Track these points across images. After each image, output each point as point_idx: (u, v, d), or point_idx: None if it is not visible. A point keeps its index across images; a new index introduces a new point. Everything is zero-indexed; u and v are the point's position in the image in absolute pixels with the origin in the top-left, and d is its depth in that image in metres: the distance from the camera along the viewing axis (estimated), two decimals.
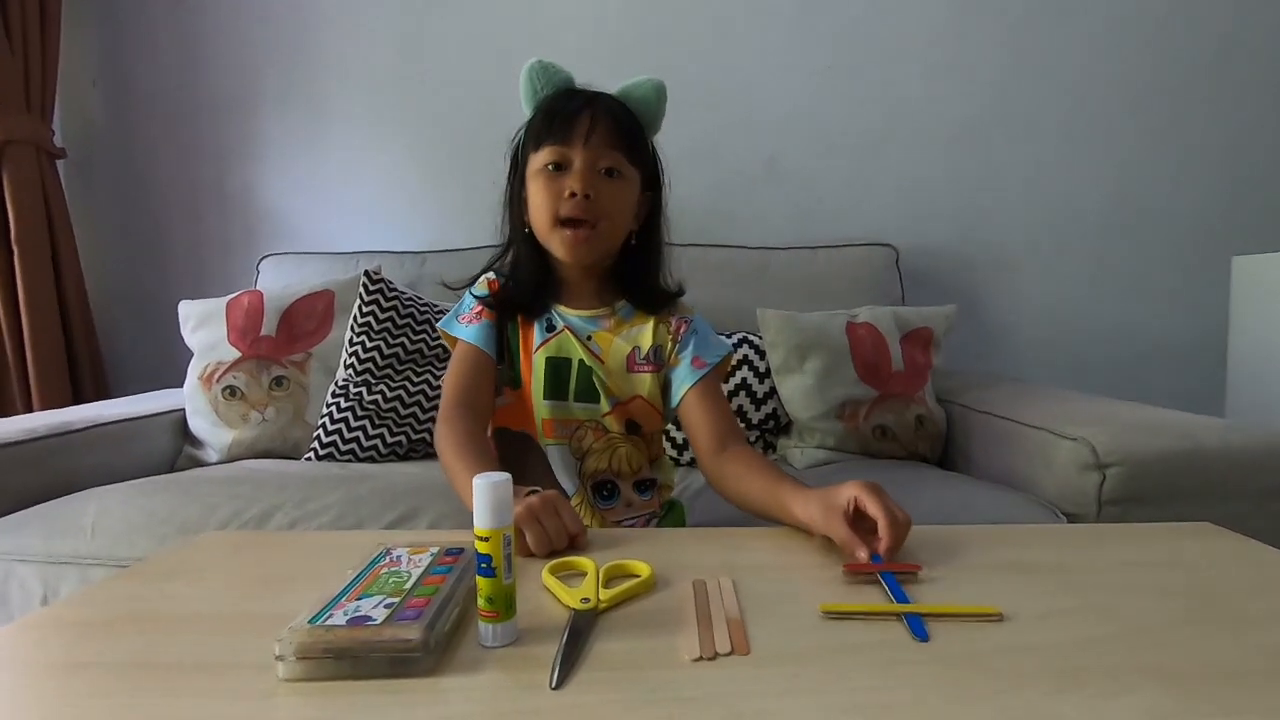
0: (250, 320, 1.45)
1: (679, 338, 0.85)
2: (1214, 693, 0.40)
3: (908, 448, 1.32)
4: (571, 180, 0.77)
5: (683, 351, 0.84)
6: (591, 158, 0.78)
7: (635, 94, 0.82)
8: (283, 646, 0.42)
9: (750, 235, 1.71)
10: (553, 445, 0.83)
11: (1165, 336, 1.81)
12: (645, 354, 0.84)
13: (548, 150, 0.78)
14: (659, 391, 0.85)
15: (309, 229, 1.90)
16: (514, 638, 0.47)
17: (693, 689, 0.41)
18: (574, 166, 0.78)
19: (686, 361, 0.83)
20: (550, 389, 0.82)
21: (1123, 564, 0.60)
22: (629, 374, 0.84)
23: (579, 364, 0.82)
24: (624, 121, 0.80)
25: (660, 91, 0.83)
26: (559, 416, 0.83)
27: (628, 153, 0.80)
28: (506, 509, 0.47)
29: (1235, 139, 1.78)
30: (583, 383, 0.82)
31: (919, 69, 1.78)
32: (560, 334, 0.83)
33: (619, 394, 0.83)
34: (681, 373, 0.83)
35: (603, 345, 0.84)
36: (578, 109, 0.78)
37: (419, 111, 1.86)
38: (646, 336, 0.85)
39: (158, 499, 1.06)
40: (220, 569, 0.62)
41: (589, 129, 0.77)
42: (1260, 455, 0.98)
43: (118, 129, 1.92)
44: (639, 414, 0.85)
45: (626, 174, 0.80)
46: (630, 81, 0.83)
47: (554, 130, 0.78)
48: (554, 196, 0.78)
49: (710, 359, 0.83)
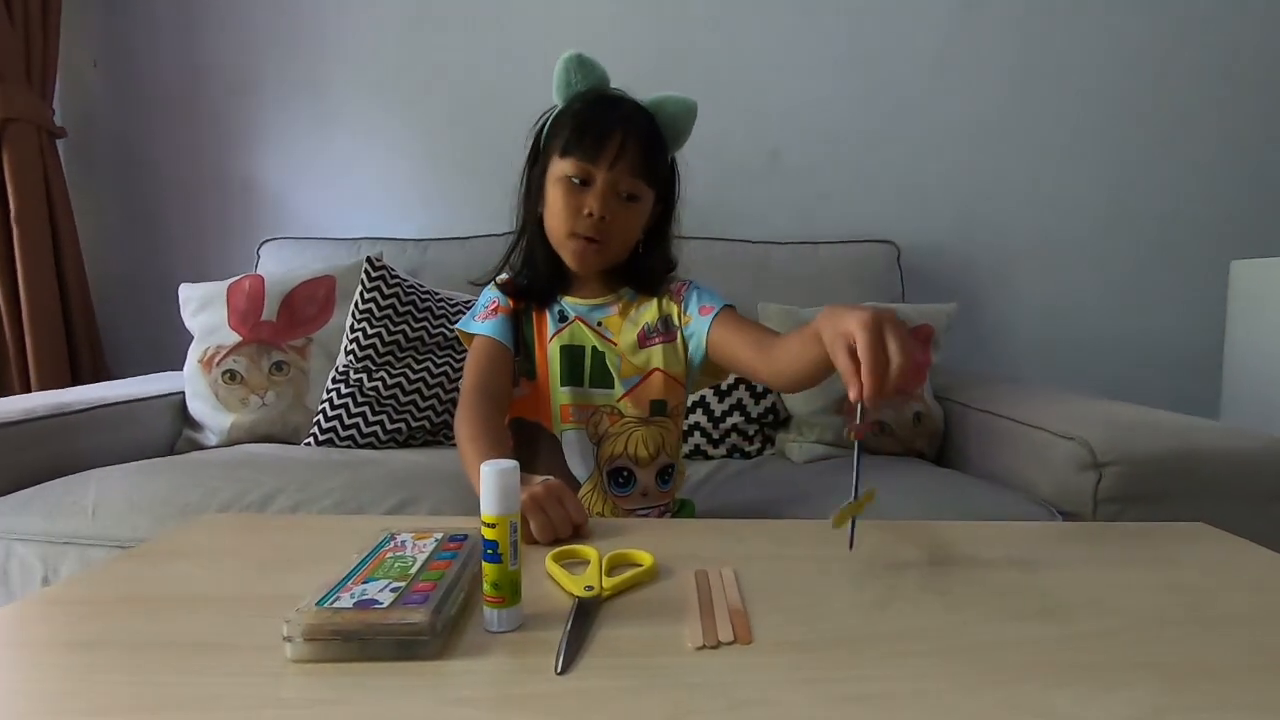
0: (251, 304, 1.45)
1: (680, 300, 0.88)
2: (1204, 688, 0.41)
3: (905, 444, 1.33)
4: (591, 200, 0.79)
5: (689, 308, 0.87)
6: (614, 181, 0.80)
7: (666, 109, 0.84)
8: (291, 628, 0.43)
9: (753, 229, 1.71)
10: (570, 430, 0.85)
11: (1163, 339, 1.83)
12: (654, 326, 0.87)
13: (573, 163, 0.80)
14: (677, 360, 0.87)
15: (311, 214, 1.89)
16: (519, 623, 0.48)
17: (696, 676, 0.42)
18: (595, 186, 0.79)
19: (695, 313, 0.87)
20: (567, 375, 0.84)
21: (1118, 563, 0.61)
22: (642, 350, 0.86)
23: (592, 350, 0.85)
24: (651, 146, 0.82)
25: (691, 112, 0.85)
26: (578, 402, 0.85)
27: (648, 178, 0.82)
28: (513, 496, 0.48)
29: (1236, 144, 1.78)
30: (597, 368, 0.85)
31: (925, 67, 1.78)
32: (572, 323, 0.86)
33: (634, 373, 0.86)
34: (696, 323, 0.86)
35: (613, 329, 0.87)
36: (610, 126, 0.79)
37: (423, 98, 1.85)
38: (652, 312, 0.88)
39: (159, 480, 1.06)
40: (224, 551, 0.63)
41: (617, 152, 0.79)
42: (1255, 458, 0.99)
43: (119, 110, 1.90)
44: (659, 388, 0.86)
45: (643, 197, 0.83)
46: (664, 95, 0.84)
47: (584, 146, 0.79)
48: (573, 211, 0.80)
49: (716, 305, 0.86)
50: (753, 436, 1.40)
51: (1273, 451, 1.00)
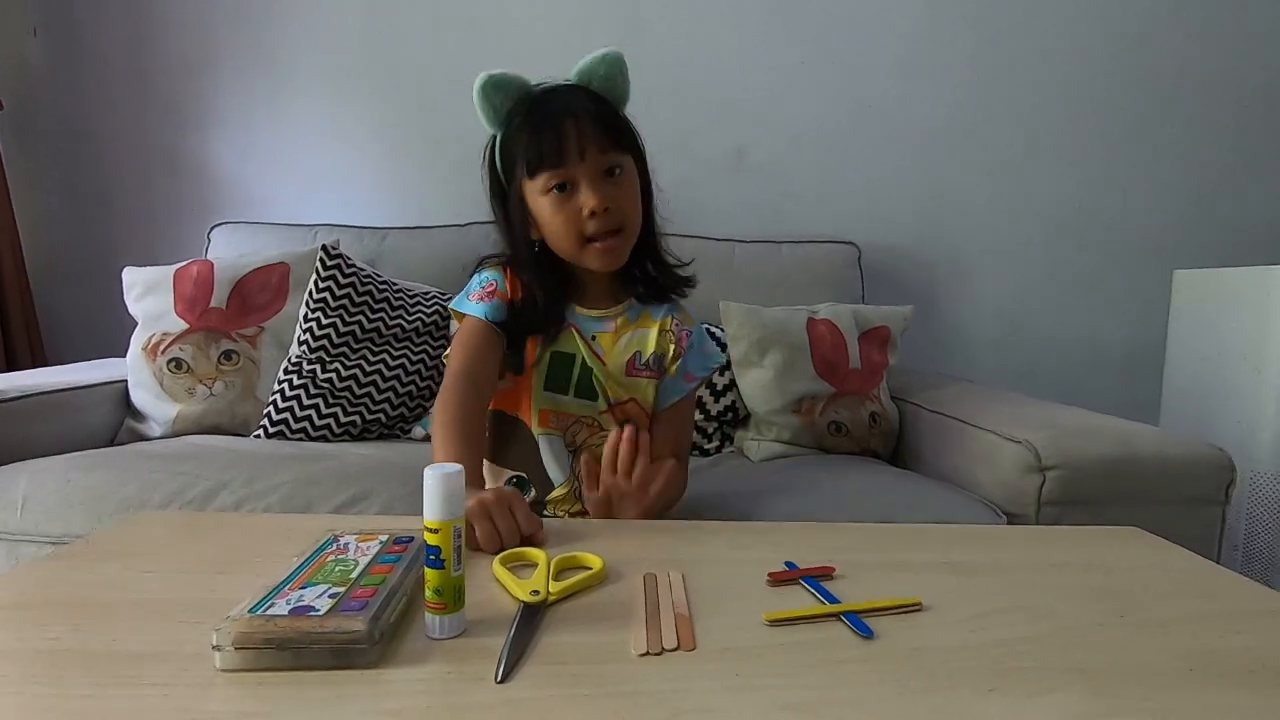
0: (199, 291, 1.40)
1: (681, 350, 0.87)
2: (1132, 692, 0.42)
3: (861, 444, 1.35)
4: (585, 198, 0.76)
5: (687, 363, 0.87)
6: (593, 168, 0.77)
7: (598, 74, 0.80)
8: (220, 636, 0.41)
9: (717, 227, 1.71)
10: (546, 435, 0.84)
11: (1108, 343, 1.89)
12: (646, 360, 0.86)
13: (547, 175, 0.77)
14: (654, 397, 0.87)
15: (265, 198, 1.83)
16: (461, 629, 0.47)
17: (637, 684, 0.42)
18: (580, 184, 0.77)
19: (681, 375, 0.87)
20: (550, 381, 0.83)
21: (1052, 566, 0.63)
22: (627, 378, 0.85)
23: (581, 362, 0.83)
24: (604, 115, 0.78)
25: (618, 63, 0.80)
26: (555, 409, 0.84)
27: (618, 145, 0.79)
28: (457, 501, 0.47)
29: (1185, 157, 1.84)
30: (583, 380, 0.84)
31: (888, 69, 1.81)
32: (566, 330, 0.83)
33: (616, 396, 0.85)
34: (674, 385, 0.87)
35: (605, 347, 0.85)
36: (559, 124, 0.76)
37: (384, 81, 1.81)
38: (650, 342, 0.86)
39: (95, 474, 1.02)
40: (157, 552, 0.60)
41: (579, 142, 0.76)
42: (1190, 464, 1.03)
43: (61, 82, 1.81)
44: (633, 416, 0.86)
45: (625, 165, 0.80)
46: (584, 62, 0.80)
47: (548, 156, 0.76)
48: (573, 218, 0.77)
49: (700, 373, 0.89)
50: (712, 434, 1.41)
51: (1205, 457, 1.04)
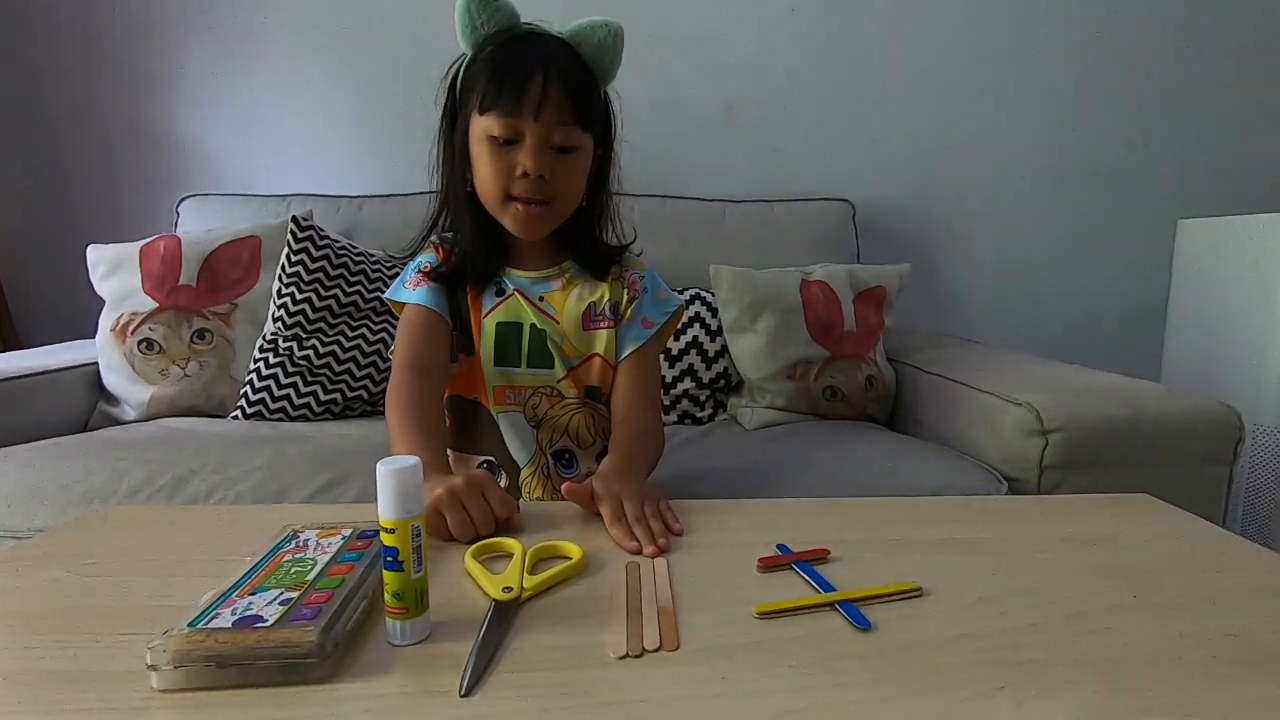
0: (167, 268, 1.34)
1: (634, 293, 0.83)
2: (1152, 686, 0.39)
3: (857, 408, 1.32)
4: (524, 159, 0.71)
5: (640, 307, 0.82)
6: (544, 133, 0.71)
7: (591, 40, 0.74)
8: (155, 654, 0.38)
9: (707, 186, 1.65)
10: (504, 413, 0.80)
11: (1110, 298, 1.84)
12: (601, 309, 0.81)
13: (494, 120, 0.70)
14: (615, 347, 0.82)
15: (234, 168, 1.75)
16: (426, 634, 0.44)
17: (614, 692, 0.38)
18: (525, 142, 0.71)
19: (638, 320, 0.82)
20: (500, 355, 0.78)
21: (1059, 540, 0.59)
22: (585, 332, 0.81)
23: (530, 328, 0.79)
24: (578, 85, 0.72)
25: (617, 37, 0.75)
26: (508, 384, 0.79)
27: (581, 122, 0.73)
28: (415, 497, 0.43)
29: (1186, 104, 1.77)
30: (535, 347, 0.79)
31: (880, 18, 1.72)
32: (510, 298, 0.79)
33: (575, 354, 0.80)
34: (631, 331, 0.82)
35: (555, 305, 0.80)
36: (528, 71, 0.69)
37: (357, 44, 1.72)
38: (603, 291, 0.82)
39: (61, 463, 0.98)
40: (107, 552, 0.57)
41: (540, 100, 0.69)
42: (1198, 423, 1.00)
43: (15, 46, 1.71)
44: (597, 374, 0.81)
45: (581, 145, 0.74)
46: (583, 23, 0.74)
47: (504, 99, 0.69)
48: (504, 172, 0.72)
49: (657, 319, 0.83)
50: (704, 402, 1.37)
51: (1213, 415, 1.00)
